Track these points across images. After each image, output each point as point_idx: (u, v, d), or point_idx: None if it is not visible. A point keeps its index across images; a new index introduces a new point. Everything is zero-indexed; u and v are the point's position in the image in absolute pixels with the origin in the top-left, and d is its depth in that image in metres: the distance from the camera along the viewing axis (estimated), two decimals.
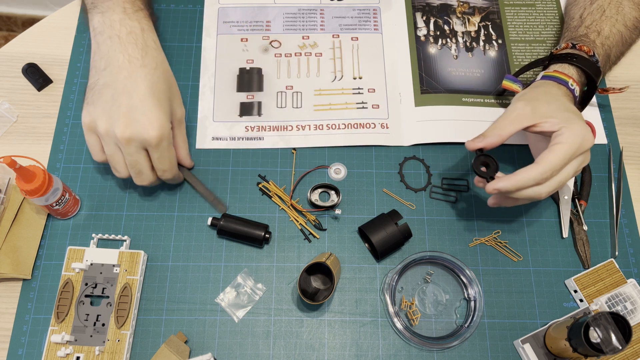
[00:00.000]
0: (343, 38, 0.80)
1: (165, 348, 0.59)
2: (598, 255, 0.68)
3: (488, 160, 0.62)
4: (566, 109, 0.61)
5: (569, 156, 0.58)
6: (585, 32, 0.70)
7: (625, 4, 0.71)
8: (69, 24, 0.80)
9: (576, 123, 0.59)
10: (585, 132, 0.59)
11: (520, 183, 0.58)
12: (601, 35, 0.69)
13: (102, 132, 0.59)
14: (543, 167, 0.57)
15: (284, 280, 0.66)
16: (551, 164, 0.57)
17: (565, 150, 0.58)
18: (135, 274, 0.64)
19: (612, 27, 0.70)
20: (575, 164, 0.60)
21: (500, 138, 0.61)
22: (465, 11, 0.83)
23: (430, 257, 0.66)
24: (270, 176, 0.71)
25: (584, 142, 0.59)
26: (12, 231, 0.65)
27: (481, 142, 0.61)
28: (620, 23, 0.71)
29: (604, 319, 0.54)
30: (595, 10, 0.71)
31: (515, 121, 0.61)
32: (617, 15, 0.71)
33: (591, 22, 0.70)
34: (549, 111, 0.60)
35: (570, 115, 0.60)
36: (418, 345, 0.63)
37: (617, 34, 0.70)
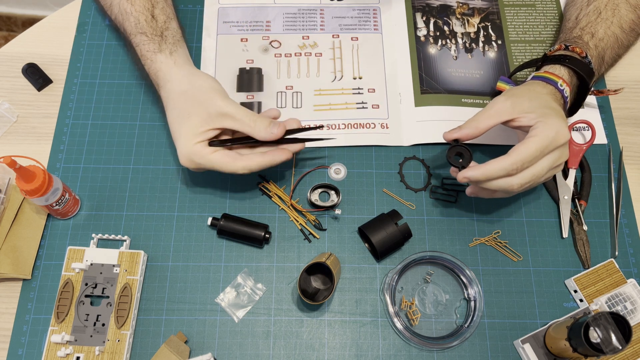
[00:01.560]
0: (343, 38, 0.80)
1: (165, 348, 0.59)
2: (598, 255, 0.68)
3: (462, 151, 0.62)
4: (546, 105, 0.61)
5: (541, 149, 0.58)
6: (580, 33, 0.70)
7: (622, 6, 0.71)
8: (69, 24, 0.80)
9: (552, 118, 0.59)
10: (560, 127, 0.59)
11: (490, 173, 0.58)
12: (595, 37, 0.69)
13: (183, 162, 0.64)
14: (513, 157, 0.58)
15: (284, 280, 0.66)
16: (521, 155, 0.58)
17: (537, 143, 0.58)
18: (135, 274, 0.64)
19: (607, 29, 0.70)
20: (550, 159, 0.60)
21: (477, 130, 0.61)
22: (465, 12, 0.83)
23: (430, 257, 0.66)
24: (270, 176, 0.71)
25: (557, 136, 0.59)
26: (12, 231, 0.65)
27: (457, 133, 0.62)
28: (616, 25, 0.71)
29: (604, 319, 0.54)
30: (591, 11, 0.71)
31: (494, 115, 0.61)
32: (613, 17, 0.71)
33: (586, 23, 0.70)
34: (529, 107, 0.61)
35: (548, 111, 0.60)
36: (418, 345, 0.63)
37: (612, 36, 0.70)
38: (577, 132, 0.75)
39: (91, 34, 0.79)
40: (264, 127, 0.61)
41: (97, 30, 0.79)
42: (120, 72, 0.77)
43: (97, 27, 0.80)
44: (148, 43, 0.65)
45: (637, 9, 0.72)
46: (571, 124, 0.73)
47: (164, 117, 0.66)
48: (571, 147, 0.72)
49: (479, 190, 0.64)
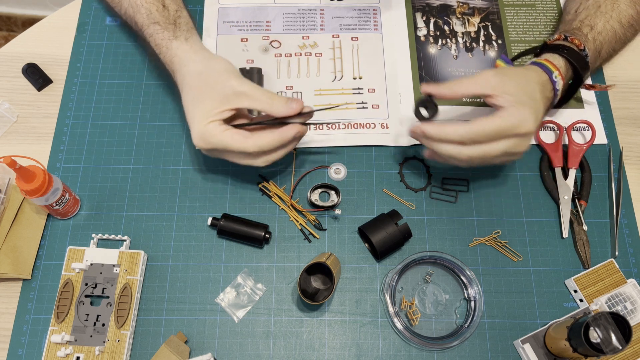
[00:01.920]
0: (343, 38, 0.80)
1: (165, 348, 0.59)
2: (598, 255, 0.68)
3: (430, 106, 0.63)
4: (528, 94, 0.61)
5: (499, 130, 0.59)
6: (579, 25, 0.70)
7: (622, 1, 0.71)
8: (69, 24, 0.80)
9: (525, 107, 0.59)
10: (527, 118, 0.59)
11: (444, 134, 0.59)
12: (594, 30, 0.69)
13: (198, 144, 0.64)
14: (471, 126, 0.59)
15: (284, 280, 0.66)
16: (478, 128, 0.58)
17: (498, 123, 0.59)
18: (135, 274, 0.64)
19: (605, 23, 0.70)
20: (506, 144, 0.60)
21: (453, 93, 0.62)
22: (465, 12, 0.83)
23: (430, 257, 0.66)
24: (270, 176, 0.71)
25: (520, 124, 0.59)
26: (12, 231, 0.65)
27: (433, 88, 0.62)
28: (615, 20, 0.71)
29: (604, 319, 0.54)
30: (590, 5, 0.72)
31: (477, 84, 0.61)
32: (612, 11, 0.71)
33: (585, 16, 0.71)
34: (511, 90, 0.60)
35: (526, 100, 0.60)
36: (418, 345, 0.63)
37: (610, 30, 0.70)
38: (577, 132, 0.75)
39: (91, 34, 0.79)
40: (283, 102, 0.61)
41: (97, 30, 0.79)
42: (120, 72, 0.77)
43: (97, 27, 0.80)
44: (162, 32, 0.66)
45: (636, 4, 0.72)
46: (571, 123, 0.73)
47: (176, 103, 0.67)
48: (571, 147, 0.72)
49: (434, 153, 0.64)
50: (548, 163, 0.72)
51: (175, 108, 0.75)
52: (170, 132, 0.73)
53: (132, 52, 0.78)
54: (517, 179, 0.72)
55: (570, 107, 0.76)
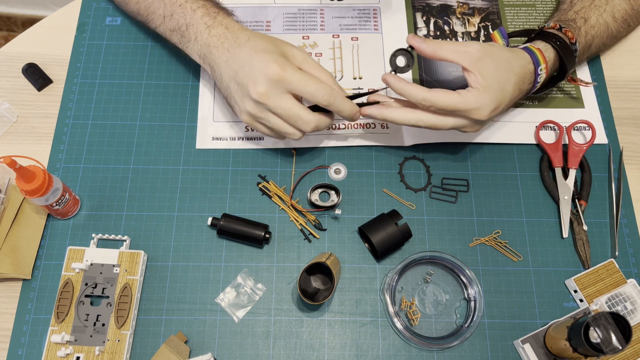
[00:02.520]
0: (343, 38, 0.80)
1: (165, 348, 0.59)
2: (598, 255, 0.68)
3: (408, 59, 0.66)
4: (500, 82, 0.62)
5: (454, 107, 0.60)
6: (574, 17, 0.70)
7: None
8: (69, 24, 0.80)
9: (488, 94, 0.61)
10: (485, 106, 0.60)
11: (404, 90, 0.62)
12: (587, 23, 0.70)
13: (252, 111, 0.62)
14: (428, 94, 0.60)
15: (284, 280, 0.66)
16: (435, 97, 0.60)
17: (455, 100, 0.60)
18: (135, 274, 0.64)
19: (599, 16, 0.70)
20: (455, 122, 0.62)
21: (434, 53, 0.62)
22: (465, 12, 0.83)
23: (430, 257, 0.66)
24: (270, 176, 0.71)
25: (475, 110, 0.61)
26: (12, 231, 0.65)
27: (417, 42, 0.63)
28: (608, 13, 0.71)
29: (604, 319, 0.54)
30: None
31: (459, 53, 0.62)
32: (606, 5, 0.71)
33: (580, 7, 0.71)
34: (488, 72, 0.61)
35: (494, 88, 0.61)
36: (418, 345, 0.63)
37: (603, 24, 0.71)
38: (577, 132, 0.75)
39: (91, 34, 0.79)
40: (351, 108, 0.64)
41: (97, 30, 0.79)
42: (120, 72, 0.77)
43: (97, 27, 0.80)
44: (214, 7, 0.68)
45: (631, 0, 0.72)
46: (571, 123, 0.73)
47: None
48: (571, 147, 0.72)
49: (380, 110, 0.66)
50: (548, 163, 0.72)
51: (175, 108, 0.75)
52: (170, 132, 0.73)
53: (132, 52, 0.78)
54: (517, 179, 0.72)
55: (570, 107, 0.76)
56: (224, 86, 0.65)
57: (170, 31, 0.69)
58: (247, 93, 0.61)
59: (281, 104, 0.61)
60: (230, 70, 0.63)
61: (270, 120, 0.62)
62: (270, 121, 0.62)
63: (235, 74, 0.62)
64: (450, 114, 0.62)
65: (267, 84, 0.60)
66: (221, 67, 0.64)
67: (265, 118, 0.62)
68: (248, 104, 0.62)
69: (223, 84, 0.65)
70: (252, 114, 0.63)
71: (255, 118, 0.63)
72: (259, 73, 0.60)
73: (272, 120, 0.62)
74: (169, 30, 0.69)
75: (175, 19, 0.67)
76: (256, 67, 0.60)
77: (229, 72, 0.63)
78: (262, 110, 0.62)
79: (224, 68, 0.64)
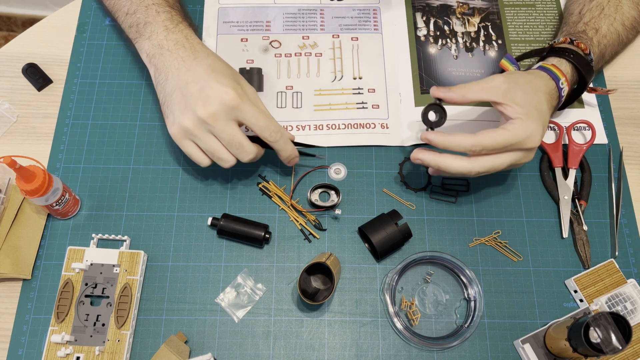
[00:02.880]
0: (343, 38, 0.80)
1: (165, 348, 0.59)
2: (598, 255, 0.68)
3: (439, 112, 0.63)
4: (536, 105, 0.61)
5: (506, 143, 0.59)
6: (584, 28, 0.70)
7: (625, 3, 0.71)
8: (69, 24, 0.80)
9: (533, 121, 0.60)
10: (535, 132, 0.59)
11: (450, 143, 0.60)
12: (599, 34, 0.69)
13: (190, 127, 0.60)
14: (476, 139, 0.59)
15: (284, 280, 0.66)
16: (485, 141, 0.59)
17: (505, 136, 0.59)
18: (135, 274, 0.64)
19: (609, 25, 0.70)
20: (512, 157, 0.60)
21: (463, 98, 0.62)
22: (465, 12, 0.83)
23: (430, 257, 0.66)
24: (270, 176, 0.71)
25: (527, 139, 0.59)
26: (12, 231, 0.65)
27: (443, 93, 0.62)
28: (619, 22, 0.71)
29: (604, 319, 0.54)
30: (594, 7, 0.71)
31: (486, 90, 0.61)
32: (616, 14, 0.71)
33: (590, 18, 0.71)
34: (520, 99, 0.60)
35: (534, 112, 0.60)
36: (418, 345, 0.63)
37: (614, 33, 0.70)
38: (577, 132, 0.75)
39: (91, 34, 0.79)
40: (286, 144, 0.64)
41: (97, 30, 0.79)
42: (120, 72, 0.77)
43: (97, 27, 0.80)
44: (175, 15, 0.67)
45: (639, 6, 0.72)
46: (571, 124, 0.73)
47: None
48: (571, 147, 0.72)
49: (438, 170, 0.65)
50: (548, 163, 0.72)
51: None
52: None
53: (132, 52, 0.78)
54: (517, 179, 0.72)
55: (571, 107, 0.76)
56: (165, 92, 0.62)
57: (128, 27, 0.68)
58: (192, 108, 0.59)
59: (227, 130, 0.59)
60: (179, 80, 0.61)
61: (207, 141, 0.60)
62: (208, 142, 0.60)
63: (184, 85, 0.60)
64: (503, 150, 0.60)
65: (220, 107, 0.58)
66: (169, 73, 0.62)
67: (201, 138, 0.60)
68: (187, 119, 0.59)
69: (165, 90, 0.62)
70: (187, 129, 0.60)
71: (188, 134, 0.61)
72: (214, 94, 0.58)
73: (209, 142, 0.60)
74: (127, 27, 0.68)
75: (136, 17, 0.67)
76: (212, 87, 0.59)
77: (178, 81, 0.61)
78: (201, 130, 0.60)
79: (172, 75, 0.62)
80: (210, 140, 0.60)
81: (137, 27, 0.66)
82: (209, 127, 0.59)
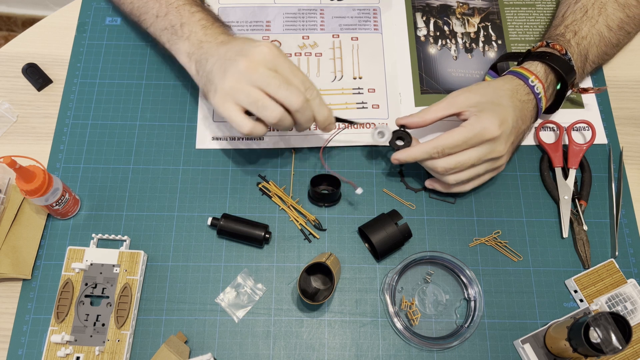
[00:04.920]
0: (343, 38, 0.80)
1: (165, 348, 0.59)
2: (598, 255, 0.68)
3: (404, 136, 0.67)
4: (492, 101, 0.63)
5: (464, 139, 0.61)
6: (563, 31, 0.71)
7: (609, 5, 0.72)
8: (69, 24, 0.80)
9: (486, 113, 0.61)
10: (490, 123, 0.61)
11: (414, 155, 0.64)
12: (577, 35, 0.70)
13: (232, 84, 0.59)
14: (434, 143, 0.62)
15: (284, 280, 0.66)
16: (442, 142, 0.62)
17: (460, 133, 0.61)
18: (135, 274, 0.64)
19: (591, 27, 0.70)
20: (478, 152, 0.62)
21: (423, 120, 0.65)
22: (465, 12, 0.83)
23: (430, 257, 0.66)
24: (270, 176, 0.71)
25: (484, 130, 0.61)
26: (12, 231, 0.65)
27: (404, 120, 0.66)
28: (602, 24, 0.71)
29: (604, 319, 0.54)
30: (578, 9, 0.72)
31: (444, 108, 0.64)
32: (599, 16, 0.71)
33: (571, 21, 0.71)
34: (476, 102, 0.63)
35: (488, 107, 0.62)
36: (418, 345, 0.63)
37: (596, 35, 0.71)
38: (577, 132, 0.75)
39: (91, 34, 0.79)
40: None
41: (97, 30, 0.79)
42: (120, 72, 0.77)
43: (97, 27, 0.80)
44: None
45: (625, 8, 0.72)
46: (571, 124, 0.73)
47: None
48: (571, 147, 0.72)
49: (434, 182, 0.69)
50: (548, 163, 0.72)
51: (175, 108, 0.75)
52: (170, 132, 0.73)
53: (132, 52, 0.78)
54: (517, 179, 0.72)
55: (570, 107, 0.76)
56: (206, 72, 0.62)
57: (160, 30, 0.68)
58: (232, 66, 0.59)
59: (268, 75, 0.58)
60: (217, 54, 0.61)
61: (251, 92, 0.58)
62: (251, 94, 0.58)
63: (223, 54, 0.61)
64: (465, 147, 0.62)
65: (259, 56, 0.58)
66: (209, 56, 0.62)
67: (244, 90, 0.58)
68: (229, 78, 0.58)
69: (205, 71, 0.62)
70: (229, 88, 0.58)
71: (231, 94, 0.59)
72: (252, 49, 0.59)
73: (252, 93, 0.58)
74: (160, 29, 0.68)
75: (169, 19, 0.67)
76: (251, 45, 0.59)
77: (217, 56, 0.61)
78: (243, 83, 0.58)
79: (211, 54, 0.62)
80: (253, 90, 0.58)
81: (173, 28, 0.66)
82: (251, 78, 0.58)
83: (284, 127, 0.61)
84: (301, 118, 0.61)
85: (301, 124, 0.62)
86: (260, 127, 0.60)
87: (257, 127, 0.60)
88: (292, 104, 0.59)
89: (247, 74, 0.58)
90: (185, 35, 0.65)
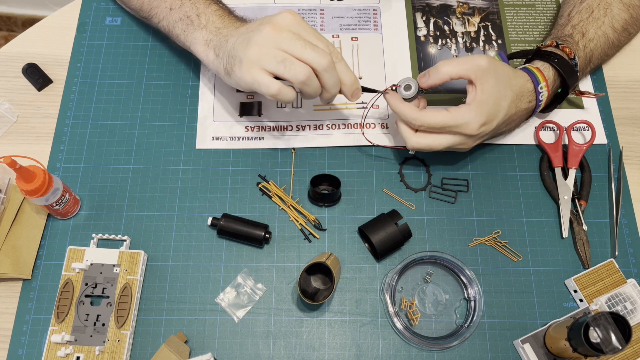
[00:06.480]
0: (343, 38, 0.80)
1: (165, 348, 0.59)
2: (598, 255, 0.68)
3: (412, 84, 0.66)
4: (495, 99, 0.62)
5: (444, 124, 0.62)
6: (571, 31, 0.70)
7: (615, 6, 0.71)
8: (69, 24, 0.80)
9: (479, 109, 0.61)
10: (474, 121, 0.61)
11: (397, 107, 0.64)
12: (585, 37, 0.69)
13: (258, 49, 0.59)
14: (418, 114, 0.62)
15: (284, 280, 0.66)
16: (424, 117, 0.62)
17: (444, 116, 0.62)
18: (135, 274, 0.64)
19: (597, 29, 0.70)
20: (449, 139, 0.63)
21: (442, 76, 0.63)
22: (465, 12, 0.83)
23: (430, 257, 0.66)
24: (270, 176, 0.71)
25: (465, 125, 0.61)
26: (12, 231, 0.65)
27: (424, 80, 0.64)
28: (607, 25, 0.71)
29: (604, 319, 0.54)
30: (583, 9, 0.72)
31: (466, 64, 0.62)
32: (605, 17, 0.71)
33: (578, 21, 0.71)
34: (488, 87, 0.62)
35: (488, 103, 0.62)
36: (418, 345, 0.63)
37: (602, 36, 0.71)
38: (577, 132, 0.75)
39: (91, 34, 0.79)
40: None
41: (97, 30, 0.79)
42: (120, 72, 0.77)
43: (97, 27, 0.80)
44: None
45: (630, 8, 0.72)
46: (571, 124, 0.73)
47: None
48: (571, 147, 0.72)
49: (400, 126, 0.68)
50: (548, 163, 0.72)
51: (175, 108, 0.75)
52: (170, 132, 0.73)
53: (132, 52, 0.78)
54: (517, 179, 0.72)
55: (570, 107, 0.76)
56: (227, 51, 0.62)
57: (175, 21, 0.68)
58: (256, 34, 0.59)
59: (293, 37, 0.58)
60: (237, 32, 0.62)
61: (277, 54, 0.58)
62: (277, 55, 0.58)
63: (244, 30, 0.62)
64: (441, 130, 0.63)
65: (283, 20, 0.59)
66: (228, 37, 0.63)
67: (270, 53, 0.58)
68: (253, 46, 0.58)
69: (227, 50, 0.62)
70: (255, 55, 0.58)
71: (257, 60, 0.58)
72: (274, 17, 0.60)
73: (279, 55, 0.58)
74: (174, 21, 0.68)
75: (184, 10, 0.67)
76: (272, 16, 0.60)
77: (237, 33, 0.62)
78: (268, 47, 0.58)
79: (231, 36, 0.62)
80: (279, 52, 0.58)
81: (189, 19, 0.67)
82: (276, 41, 0.58)
83: (311, 91, 0.60)
84: (329, 80, 0.60)
85: (328, 88, 0.61)
86: (288, 90, 0.60)
87: (285, 89, 0.60)
88: (320, 63, 0.58)
89: (272, 38, 0.58)
90: (202, 24, 0.66)
